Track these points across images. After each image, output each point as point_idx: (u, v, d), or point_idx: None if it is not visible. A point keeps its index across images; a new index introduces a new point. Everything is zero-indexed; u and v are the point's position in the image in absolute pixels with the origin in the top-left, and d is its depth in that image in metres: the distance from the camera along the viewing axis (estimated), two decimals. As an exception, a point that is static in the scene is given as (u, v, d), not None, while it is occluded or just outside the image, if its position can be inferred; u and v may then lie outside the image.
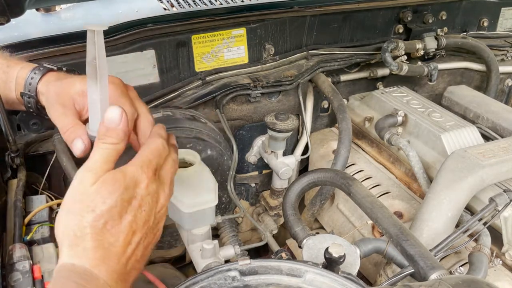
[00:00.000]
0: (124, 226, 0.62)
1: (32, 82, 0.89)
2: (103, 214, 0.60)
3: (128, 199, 0.62)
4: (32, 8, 1.34)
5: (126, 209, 0.62)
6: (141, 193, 0.64)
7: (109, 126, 0.64)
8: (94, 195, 0.60)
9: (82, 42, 1.21)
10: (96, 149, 0.64)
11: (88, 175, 0.62)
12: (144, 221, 0.65)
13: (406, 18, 1.63)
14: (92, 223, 0.59)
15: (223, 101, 1.38)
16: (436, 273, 0.84)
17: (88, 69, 0.71)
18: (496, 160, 1.10)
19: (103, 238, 0.60)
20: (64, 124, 0.82)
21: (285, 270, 0.79)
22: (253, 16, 1.42)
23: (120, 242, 0.61)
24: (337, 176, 1.13)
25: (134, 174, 0.64)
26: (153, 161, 0.67)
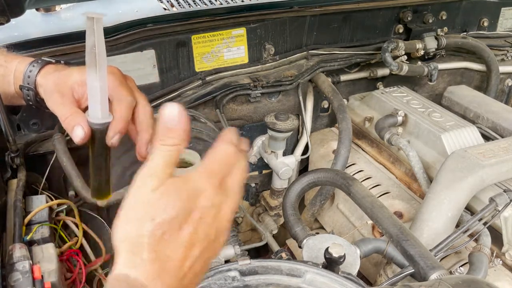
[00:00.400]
0: (184, 238, 0.57)
1: (30, 75, 0.90)
2: (163, 224, 0.56)
3: (190, 210, 0.58)
4: (32, 8, 1.34)
5: (187, 220, 0.57)
6: (204, 204, 0.59)
7: (169, 125, 0.58)
8: (155, 202, 0.56)
9: (82, 42, 1.20)
10: (156, 151, 0.59)
11: (150, 180, 0.57)
12: (205, 234, 0.60)
13: (406, 18, 1.63)
14: (151, 232, 0.55)
15: (223, 101, 1.38)
16: (436, 273, 0.84)
17: (88, 57, 0.70)
18: (496, 160, 1.10)
19: (161, 249, 0.56)
20: (64, 112, 0.83)
21: (285, 270, 0.80)
22: (253, 16, 1.42)
23: (178, 256, 0.57)
24: (337, 176, 1.13)
25: (198, 183, 0.59)
26: (219, 169, 0.62)
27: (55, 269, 0.86)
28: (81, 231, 1.08)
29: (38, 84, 0.90)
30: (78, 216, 1.09)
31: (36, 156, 1.18)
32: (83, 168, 1.17)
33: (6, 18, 0.95)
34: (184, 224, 0.57)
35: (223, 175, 0.62)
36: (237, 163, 0.65)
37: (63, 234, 1.06)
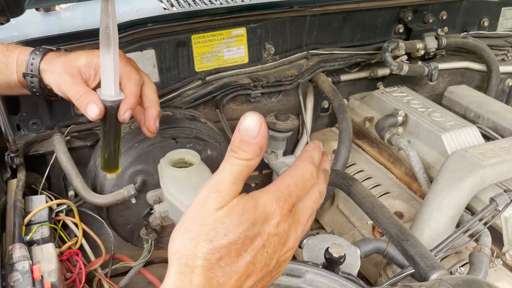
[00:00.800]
0: (240, 266, 0.52)
1: (34, 62, 0.93)
2: (220, 248, 0.51)
3: (252, 236, 0.52)
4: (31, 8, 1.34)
5: (247, 248, 0.52)
6: (269, 231, 0.53)
7: (245, 138, 0.50)
8: (216, 223, 0.51)
9: (82, 42, 1.21)
10: (227, 164, 0.52)
11: (214, 197, 0.52)
12: (264, 264, 0.54)
13: (407, 17, 1.62)
14: (207, 255, 0.50)
15: (223, 101, 1.38)
16: (437, 273, 0.84)
17: (101, 38, 0.73)
18: (496, 160, 1.10)
19: (214, 275, 0.51)
20: (76, 91, 0.88)
21: (285, 270, 0.79)
22: (253, 16, 1.42)
23: (231, 284, 0.52)
24: (337, 176, 1.13)
25: (267, 208, 0.53)
26: (293, 193, 0.55)
27: (55, 269, 0.86)
28: (81, 231, 1.07)
29: (42, 70, 0.93)
30: (77, 216, 1.09)
31: (36, 156, 1.18)
32: (83, 168, 1.17)
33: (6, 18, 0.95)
34: (244, 251, 0.52)
35: (296, 199, 0.56)
36: (314, 186, 0.59)
37: (63, 234, 1.06)
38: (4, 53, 0.97)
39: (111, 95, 0.83)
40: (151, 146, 1.12)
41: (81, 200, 1.12)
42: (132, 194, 1.08)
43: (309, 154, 0.59)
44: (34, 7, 1.36)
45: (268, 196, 0.53)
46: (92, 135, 1.23)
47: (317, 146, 0.60)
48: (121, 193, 1.08)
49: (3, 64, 0.96)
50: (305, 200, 0.58)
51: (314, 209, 0.59)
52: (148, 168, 1.11)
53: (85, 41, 1.21)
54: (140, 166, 1.10)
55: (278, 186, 0.55)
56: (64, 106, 1.23)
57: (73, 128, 1.21)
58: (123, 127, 1.16)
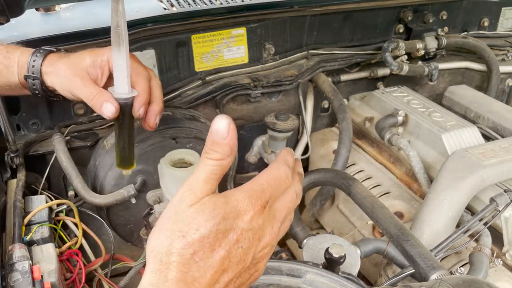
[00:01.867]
0: (215, 260, 0.53)
1: (35, 65, 0.94)
2: (193, 243, 0.52)
3: (225, 231, 0.54)
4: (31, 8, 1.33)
5: (221, 242, 0.53)
6: (242, 226, 0.55)
7: (216, 139, 0.55)
8: (189, 219, 0.53)
9: (82, 42, 1.21)
10: (200, 165, 0.56)
11: (188, 195, 0.54)
12: (239, 259, 0.55)
13: (407, 17, 1.62)
14: (180, 250, 0.52)
15: (223, 101, 1.37)
16: (437, 273, 0.84)
17: (113, 36, 0.76)
18: (496, 160, 1.10)
19: (188, 270, 0.52)
20: (89, 92, 0.90)
21: (285, 270, 0.79)
22: (253, 16, 1.42)
23: (206, 279, 0.53)
24: (338, 176, 1.13)
25: (239, 204, 0.55)
26: (267, 191, 0.57)
27: (54, 269, 0.86)
28: (81, 231, 1.07)
29: (45, 72, 0.95)
30: (77, 216, 1.09)
31: (35, 156, 1.18)
32: (83, 168, 1.17)
33: (5, 18, 0.95)
34: (217, 246, 0.53)
35: (270, 197, 0.58)
36: (290, 187, 0.61)
37: (63, 234, 1.06)
38: (4, 54, 0.97)
39: (125, 93, 0.85)
40: (151, 146, 1.12)
41: (81, 200, 1.12)
42: (132, 194, 1.08)
43: (283, 157, 0.62)
44: (34, 7, 1.36)
45: (240, 193, 0.56)
46: (92, 135, 1.23)
47: (290, 152, 0.63)
48: (121, 193, 1.08)
49: (3, 66, 0.97)
50: (281, 199, 0.59)
51: (291, 208, 0.61)
52: (148, 168, 1.11)
53: (85, 41, 1.21)
54: (140, 166, 1.10)
55: (251, 184, 0.57)
56: (64, 106, 1.23)
57: (73, 128, 1.21)
58: None
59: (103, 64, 0.94)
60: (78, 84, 0.91)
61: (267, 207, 0.57)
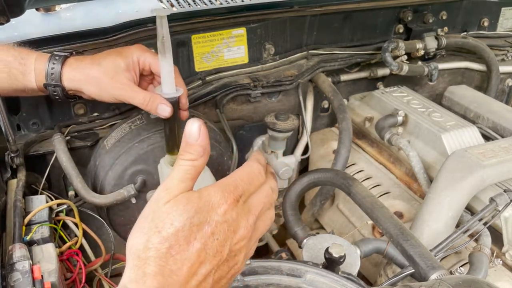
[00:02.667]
0: (191, 253, 0.55)
1: (54, 72, 0.98)
2: (169, 237, 0.54)
3: (199, 224, 0.56)
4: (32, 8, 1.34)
5: (196, 235, 0.55)
6: (216, 219, 0.57)
7: (188, 140, 0.59)
8: (164, 215, 0.56)
9: (82, 42, 1.21)
10: (175, 166, 0.59)
11: (164, 194, 0.57)
12: (216, 251, 0.57)
13: (407, 18, 1.62)
14: (157, 245, 0.54)
15: (223, 101, 1.38)
16: (437, 273, 0.84)
17: (159, 46, 0.85)
18: (496, 160, 1.10)
19: (165, 263, 0.54)
20: (142, 98, 0.98)
21: (285, 270, 0.80)
22: (253, 16, 1.42)
23: (183, 271, 0.55)
24: (337, 176, 1.13)
25: (212, 197, 0.57)
26: (239, 186, 0.60)
27: (55, 269, 0.86)
28: (81, 231, 1.08)
29: (67, 79, 0.99)
30: (78, 216, 1.09)
31: (36, 156, 1.18)
32: (83, 168, 1.17)
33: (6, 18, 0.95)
34: (193, 239, 0.55)
35: (244, 192, 0.60)
36: (265, 183, 0.64)
37: (63, 234, 1.06)
38: (19, 60, 0.98)
39: (173, 93, 0.93)
40: (151, 146, 1.12)
41: (81, 200, 1.12)
42: (132, 194, 1.08)
43: (256, 157, 0.66)
44: (34, 7, 1.36)
45: (213, 188, 0.58)
46: (92, 135, 1.23)
47: (261, 153, 0.68)
48: (121, 193, 1.09)
49: (19, 72, 0.98)
50: (256, 194, 0.62)
51: (267, 203, 0.64)
52: (148, 168, 1.11)
53: (85, 41, 1.21)
54: (140, 166, 1.10)
55: (224, 180, 0.60)
56: (64, 106, 1.23)
57: (73, 128, 1.21)
58: (123, 128, 1.16)
59: (135, 66, 1.02)
60: (128, 92, 0.99)
61: (240, 201, 0.59)
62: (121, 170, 1.10)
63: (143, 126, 1.18)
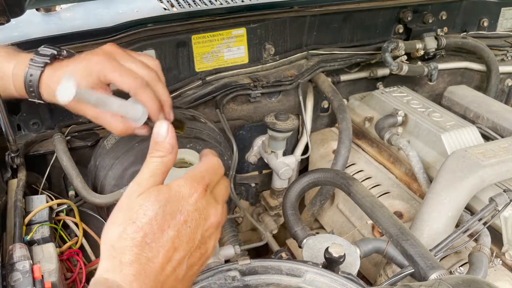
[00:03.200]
0: (166, 241, 0.58)
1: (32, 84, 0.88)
2: (143, 226, 0.57)
3: (172, 213, 0.59)
4: (32, 8, 1.34)
5: (169, 223, 0.59)
6: (188, 208, 0.61)
7: (157, 140, 0.64)
8: (137, 206, 0.59)
9: (82, 42, 1.21)
10: (145, 163, 0.64)
11: (135, 188, 0.61)
12: (189, 238, 0.60)
13: (406, 18, 1.63)
14: (132, 234, 0.57)
15: (223, 101, 1.38)
16: (436, 273, 0.84)
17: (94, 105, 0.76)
18: (496, 160, 1.10)
19: (141, 252, 0.57)
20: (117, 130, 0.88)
21: (285, 270, 0.80)
22: (253, 16, 1.42)
23: (159, 258, 0.57)
24: (337, 176, 1.13)
25: (182, 188, 0.61)
26: (206, 177, 0.65)
27: (55, 269, 0.86)
28: (81, 231, 1.08)
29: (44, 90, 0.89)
30: (78, 216, 1.09)
31: (36, 156, 1.18)
32: (83, 168, 1.18)
33: (6, 18, 0.95)
34: (166, 227, 0.58)
35: (210, 182, 0.65)
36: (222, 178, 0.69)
37: (63, 234, 1.06)
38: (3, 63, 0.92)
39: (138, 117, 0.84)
40: (151, 146, 1.12)
41: (82, 200, 1.12)
42: (132, 194, 1.08)
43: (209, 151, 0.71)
44: (34, 7, 1.37)
45: (182, 180, 0.63)
46: (92, 135, 1.23)
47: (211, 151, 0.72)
48: (121, 193, 1.08)
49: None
50: (220, 185, 0.67)
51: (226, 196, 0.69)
52: (148, 168, 1.11)
53: (85, 41, 1.21)
54: (140, 166, 1.09)
55: (191, 173, 0.64)
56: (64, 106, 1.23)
57: (74, 128, 1.22)
58: None
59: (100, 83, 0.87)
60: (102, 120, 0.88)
61: (208, 190, 0.64)
62: (121, 170, 1.10)
63: (143, 126, 1.18)
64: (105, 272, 0.56)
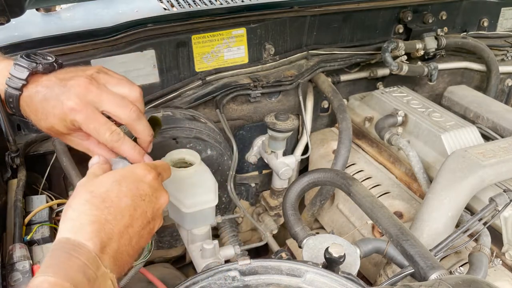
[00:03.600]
0: (123, 208, 0.65)
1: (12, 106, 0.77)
2: (101, 194, 0.64)
3: (127, 186, 0.67)
4: (32, 8, 1.34)
5: (126, 193, 0.66)
6: (143, 187, 0.69)
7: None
8: (96, 182, 0.67)
9: (82, 42, 1.21)
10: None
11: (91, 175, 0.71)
12: (143, 211, 0.67)
13: (406, 18, 1.63)
14: (91, 200, 0.63)
15: (223, 101, 1.38)
16: (436, 273, 0.84)
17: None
18: (496, 160, 1.10)
19: (101, 214, 0.62)
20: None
21: (285, 270, 0.79)
22: (253, 16, 1.42)
23: (117, 221, 0.63)
24: (337, 176, 1.13)
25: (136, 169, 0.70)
26: (159, 167, 0.74)
27: (55, 269, 0.86)
28: (81, 231, 1.07)
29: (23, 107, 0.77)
30: (78, 216, 1.09)
31: (36, 156, 1.18)
32: (83, 168, 1.17)
33: (6, 18, 0.95)
34: (123, 195, 0.65)
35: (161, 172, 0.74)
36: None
37: (63, 234, 1.06)
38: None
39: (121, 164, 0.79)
40: (151, 146, 1.12)
41: (81, 200, 1.11)
42: (132, 194, 1.08)
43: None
44: (34, 7, 1.37)
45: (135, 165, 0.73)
46: (92, 135, 1.22)
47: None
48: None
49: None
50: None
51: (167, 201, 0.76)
52: (148, 168, 1.11)
53: (85, 41, 1.21)
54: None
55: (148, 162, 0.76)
56: (64, 106, 1.23)
57: (73, 128, 1.21)
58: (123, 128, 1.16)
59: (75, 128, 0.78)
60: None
61: (159, 177, 0.72)
62: (121, 170, 1.10)
63: (143, 126, 1.18)
64: (66, 232, 0.60)
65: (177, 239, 1.31)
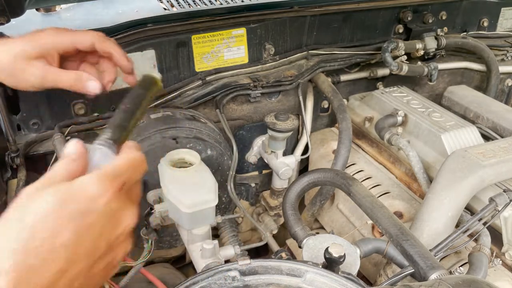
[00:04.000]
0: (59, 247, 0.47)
1: None
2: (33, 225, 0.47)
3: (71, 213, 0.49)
4: (32, 8, 1.34)
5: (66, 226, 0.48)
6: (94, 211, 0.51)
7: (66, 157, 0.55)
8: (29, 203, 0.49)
9: (82, 42, 1.21)
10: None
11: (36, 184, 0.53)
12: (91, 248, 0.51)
13: (406, 18, 1.63)
14: (16, 235, 0.47)
15: (223, 101, 1.38)
16: (436, 273, 0.84)
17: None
18: (496, 160, 1.10)
19: (24, 258, 0.46)
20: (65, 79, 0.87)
21: (285, 270, 0.80)
22: (253, 16, 1.42)
23: (46, 267, 0.47)
24: (337, 176, 1.13)
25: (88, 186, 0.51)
26: (124, 174, 0.54)
27: (55, 269, 0.86)
28: (81, 231, 1.07)
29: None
30: (78, 216, 1.08)
31: (36, 156, 1.18)
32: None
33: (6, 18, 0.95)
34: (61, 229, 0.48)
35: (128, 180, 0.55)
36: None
37: (63, 234, 1.05)
38: None
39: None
40: (151, 146, 1.12)
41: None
42: (132, 194, 1.08)
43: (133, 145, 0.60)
44: (34, 7, 1.37)
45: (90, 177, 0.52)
46: (92, 135, 1.23)
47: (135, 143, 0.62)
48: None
49: None
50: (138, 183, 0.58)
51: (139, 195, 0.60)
52: (148, 168, 1.11)
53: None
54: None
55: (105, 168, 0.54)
56: (64, 106, 1.23)
57: (73, 128, 1.21)
58: None
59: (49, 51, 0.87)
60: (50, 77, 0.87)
61: (124, 190, 0.54)
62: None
63: (143, 126, 1.18)
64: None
65: (177, 239, 1.31)
